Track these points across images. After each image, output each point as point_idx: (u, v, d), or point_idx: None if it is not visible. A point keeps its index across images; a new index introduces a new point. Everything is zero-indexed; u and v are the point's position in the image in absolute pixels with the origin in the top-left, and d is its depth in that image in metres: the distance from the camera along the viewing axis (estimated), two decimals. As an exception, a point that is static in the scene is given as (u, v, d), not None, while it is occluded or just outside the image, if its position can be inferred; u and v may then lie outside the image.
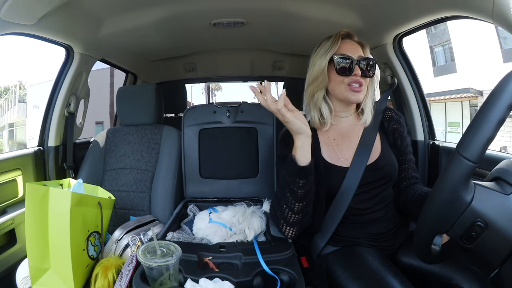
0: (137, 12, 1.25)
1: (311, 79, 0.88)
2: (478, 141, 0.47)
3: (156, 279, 0.68)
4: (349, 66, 0.83)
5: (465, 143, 0.48)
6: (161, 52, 1.84)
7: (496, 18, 0.74)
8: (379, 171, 0.86)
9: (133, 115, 1.36)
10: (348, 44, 0.87)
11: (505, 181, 0.52)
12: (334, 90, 0.87)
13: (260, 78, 2.50)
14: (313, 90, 0.88)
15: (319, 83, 0.87)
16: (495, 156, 0.96)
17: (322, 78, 0.86)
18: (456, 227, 0.52)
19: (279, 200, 0.82)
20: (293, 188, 0.78)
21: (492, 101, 0.47)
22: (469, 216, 0.50)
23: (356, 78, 0.84)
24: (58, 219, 0.80)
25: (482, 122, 0.47)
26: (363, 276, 0.74)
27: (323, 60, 0.85)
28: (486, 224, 0.50)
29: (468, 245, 0.53)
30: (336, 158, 0.88)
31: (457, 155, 0.49)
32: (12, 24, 0.97)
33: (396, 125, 0.93)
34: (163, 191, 1.25)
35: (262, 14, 1.34)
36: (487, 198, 0.51)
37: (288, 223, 0.82)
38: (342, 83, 0.85)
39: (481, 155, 0.48)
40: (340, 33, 0.87)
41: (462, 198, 0.50)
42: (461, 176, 0.49)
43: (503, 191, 0.51)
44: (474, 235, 0.51)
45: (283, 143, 0.92)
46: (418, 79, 1.31)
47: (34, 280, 0.82)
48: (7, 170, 1.17)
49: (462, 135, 0.50)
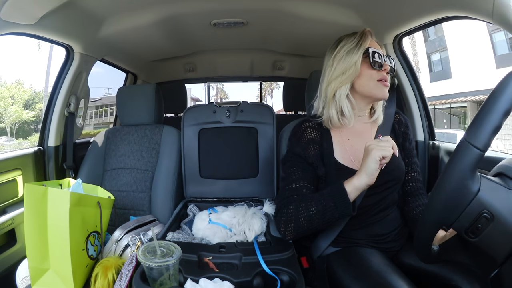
0: (137, 12, 1.25)
1: (335, 75, 0.86)
2: (486, 129, 0.47)
3: (156, 279, 0.68)
4: (381, 61, 0.83)
5: (473, 130, 0.48)
6: (161, 52, 1.84)
7: (496, 18, 0.74)
8: (387, 174, 0.84)
9: (133, 115, 1.36)
10: (372, 42, 0.87)
11: (508, 176, 0.52)
12: (363, 85, 0.85)
13: (260, 78, 2.50)
14: (336, 87, 0.86)
15: (347, 77, 0.84)
16: (495, 156, 0.96)
17: (351, 72, 0.84)
18: (462, 218, 0.51)
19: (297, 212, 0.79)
20: (324, 218, 0.76)
21: (500, 91, 0.47)
22: (476, 207, 0.50)
23: (384, 74, 0.84)
24: (57, 219, 0.80)
25: (489, 111, 0.47)
26: (365, 277, 0.73)
27: (355, 54, 0.83)
28: (492, 215, 0.50)
29: (473, 239, 0.52)
30: (348, 159, 0.87)
31: (465, 142, 0.49)
32: (12, 24, 0.97)
33: (404, 128, 0.93)
34: (163, 191, 1.25)
35: (262, 14, 1.34)
36: (493, 190, 0.51)
37: (297, 233, 0.81)
38: (372, 78, 0.84)
39: (488, 143, 0.47)
40: (366, 29, 0.87)
41: (469, 187, 0.50)
42: (469, 164, 0.49)
43: (507, 186, 0.51)
44: (480, 227, 0.51)
45: (295, 139, 0.90)
46: (418, 79, 1.32)
47: (34, 281, 0.82)
48: (7, 170, 1.17)
49: (470, 123, 0.50)
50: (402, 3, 1.05)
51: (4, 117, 11.69)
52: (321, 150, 0.87)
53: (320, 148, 0.88)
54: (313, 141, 0.88)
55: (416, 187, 0.91)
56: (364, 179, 0.71)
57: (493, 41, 9.00)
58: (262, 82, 2.99)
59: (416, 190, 0.91)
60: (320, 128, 0.90)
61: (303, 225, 0.78)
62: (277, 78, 2.42)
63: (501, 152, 1.07)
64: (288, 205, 0.81)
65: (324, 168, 0.86)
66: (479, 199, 0.50)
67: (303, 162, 0.87)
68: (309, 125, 0.90)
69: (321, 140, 0.88)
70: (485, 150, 0.48)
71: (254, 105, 1.38)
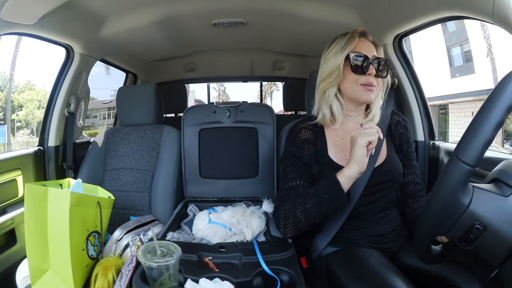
0: (137, 12, 1.25)
1: (324, 76, 0.87)
2: (476, 145, 0.47)
3: (156, 279, 0.68)
4: (364, 65, 0.82)
5: (462, 146, 0.48)
6: (161, 52, 1.84)
7: (496, 18, 0.74)
8: (384, 175, 0.85)
9: (133, 115, 1.36)
10: (364, 43, 0.85)
11: (504, 182, 0.52)
12: (347, 88, 0.86)
13: (260, 78, 2.50)
14: (325, 87, 0.87)
15: (332, 80, 0.86)
16: (495, 157, 0.96)
17: (336, 75, 0.85)
18: (454, 229, 0.52)
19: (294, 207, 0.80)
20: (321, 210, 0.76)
21: (490, 104, 0.46)
22: (467, 219, 0.50)
23: (370, 79, 0.83)
24: (57, 219, 0.80)
25: (480, 125, 0.47)
26: (365, 277, 0.74)
27: (339, 57, 0.84)
28: (484, 226, 0.50)
29: (466, 247, 0.53)
30: (343, 159, 0.87)
31: (455, 158, 0.49)
32: (12, 24, 0.97)
33: (402, 130, 0.93)
34: (163, 191, 1.25)
35: (262, 14, 1.34)
36: (486, 200, 0.51)
37: (297, 229, 0.81)
38: (356, 82, 0.84)
39: (479, 159, 0.47)
40: (357, 30, 0.86)
41: (460, 201, 0.50)
42: (458, 179, 0.49)
43: (502, 193, 0.51)
44: (473, 238, 0.51)
45: (290, 140, 0.91)
46: (418, 79, 1.31)
47: (34, 281, 0.82)
48: (7, 170, 1.17)
49: (460, 138, 0.49)
50: (402, 3, 1.05)
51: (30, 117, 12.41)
52: (316, 150, 0.89)
53: (315, 148, 0.89)
54: (307, 141, 0.89)
55: (416, 189, 0.91)
56: (355, 167, 0.72)
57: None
58: (262, 82, 3.00)
59: (417, 192, 0.91)
60: (315, 128, 0.91)
61: (301, 219, 0.78)
62: (277, 78, 2.42)
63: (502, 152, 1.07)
64: (285, 202, 0.83)
65: (318, 167, 0.87)
66: (470, 211, 0.50)
67: (298, 161, 0.88)
68: (304, 126, 0.92)
69: (315, 140, 0.90)
70: (475, 165, 0.48)
71: (254, 105, 1.38)
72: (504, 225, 0.49)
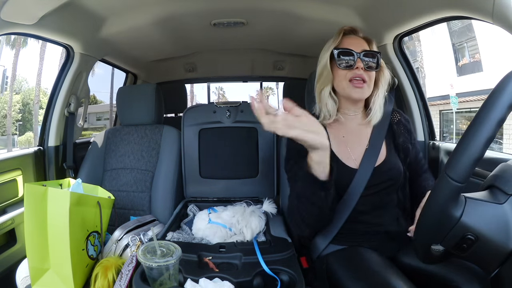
0: (137, 12, 1.25)
1: (318, 76, 0.89)
2: (465, 162, 0.46)
3: (156, 279, 0.68)
4: (349, 59, 0.82)
5: (452, 163, 0.48)
6: (161, 52, 1.84)
7: (496, 18, 0.74)
8: (384, 174, 0.85)
9: (133, 115, 1.36)
10: (352, 39, 0.86)
11: (499, 188, 0.52)
12: (338, 86, 0.86)
13: (260, 78, 2.50)
14: (320, 87, 0.88)
15: (324, 79, 0.86)
16: (495, 157, 0.96)
17: (326, 73, 0.85)
18: (447, 239, 0.52)
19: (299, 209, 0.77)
20: (312, 201, 0.74)
21: (479, 121, 0.46)
22: (459, 230, 0.51)
23: (358, 73, 0.82)
24: (57, 219, 0.80)
25: (469, 142, 0.46)
26: (365, 277, 0.73)
27: (325, 55, 0.85)
28: (476, 236, 0.50)
29: (461, 254, 0.53)
30: (346, 157, 0.87)
31: (445, 176, 0.48)
32: (12, 24, 0.97)
33: (404, 130, 0.93)
34: (163, 191, 1.25)
35: (262, 14, 1.34)
36: (478, 211, 0.51)
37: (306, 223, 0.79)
38: (344, 79, 0.83)
39: (468, 176, 0.47)
40: (343, 28, 0.87)
41: (451, 215, 0.50)
42: (448, 196, 0.49)
43: (496, 201, 0.51)
44: (466, 247, 0.52)
45: (287, 147, 0.91)
46: (418, 79, 1.32)
47: (34, 281, 0.82)
48: (7, 170, 1.17)
49: (450, 155, 0.49)
50: (402, 3, 1.05)
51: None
52: None
53: None
54: None
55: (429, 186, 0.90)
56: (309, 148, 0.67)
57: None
58: (262, 82, 3.00)
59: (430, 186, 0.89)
60: None
61: (302, 212, 0.76)
62: (277, 78, 2.42)
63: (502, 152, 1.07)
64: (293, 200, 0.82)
65: None
66: (462, 223, 0.50)
67: (304, 156, 0.87)
68: None
69: None
70: (465, 181, 0.47)
71: None
72: (496, 234, 0.50)
